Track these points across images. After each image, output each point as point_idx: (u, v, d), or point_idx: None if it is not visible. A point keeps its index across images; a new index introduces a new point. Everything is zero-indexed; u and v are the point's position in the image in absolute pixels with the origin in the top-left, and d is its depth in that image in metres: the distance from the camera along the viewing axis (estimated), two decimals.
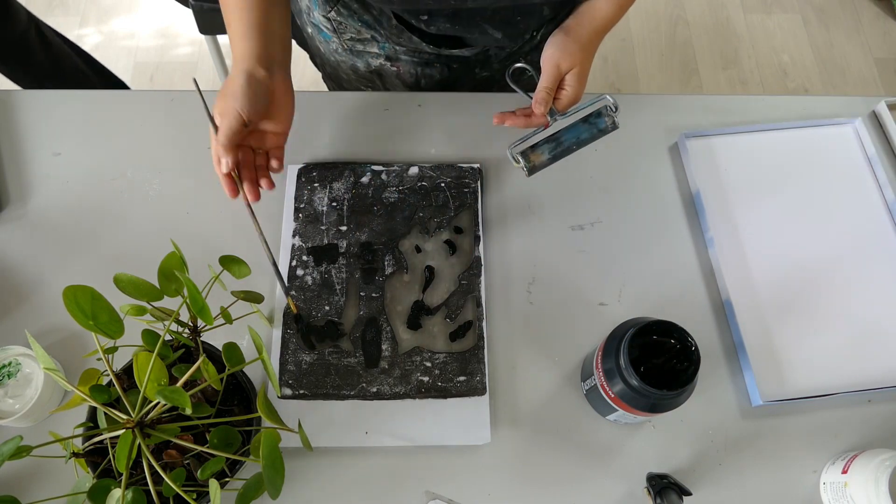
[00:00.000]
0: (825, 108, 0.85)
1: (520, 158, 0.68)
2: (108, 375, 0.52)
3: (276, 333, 0.70)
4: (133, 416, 0.49)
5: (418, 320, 0.70)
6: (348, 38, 0.84)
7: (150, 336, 0.53)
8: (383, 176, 0.78)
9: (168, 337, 0.53)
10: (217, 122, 0.63)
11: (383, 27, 0.80)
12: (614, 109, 0.69)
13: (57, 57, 1.42)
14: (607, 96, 0.69)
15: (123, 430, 0.49)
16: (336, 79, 0.97)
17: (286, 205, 0.76)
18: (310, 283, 0.72)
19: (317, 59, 0.99)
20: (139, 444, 0.49)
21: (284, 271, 0.72)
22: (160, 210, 0.77)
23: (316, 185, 0.77)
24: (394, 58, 0.86)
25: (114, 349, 0.53)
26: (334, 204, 0.76)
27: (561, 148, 0.69)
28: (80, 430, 0.55)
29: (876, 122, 0.85)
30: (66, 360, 0.68)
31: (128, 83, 1.73)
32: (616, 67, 2.00)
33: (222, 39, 1.42)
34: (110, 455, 0.51)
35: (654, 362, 0.57)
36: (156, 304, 0.55)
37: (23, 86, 1.46)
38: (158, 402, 0.49)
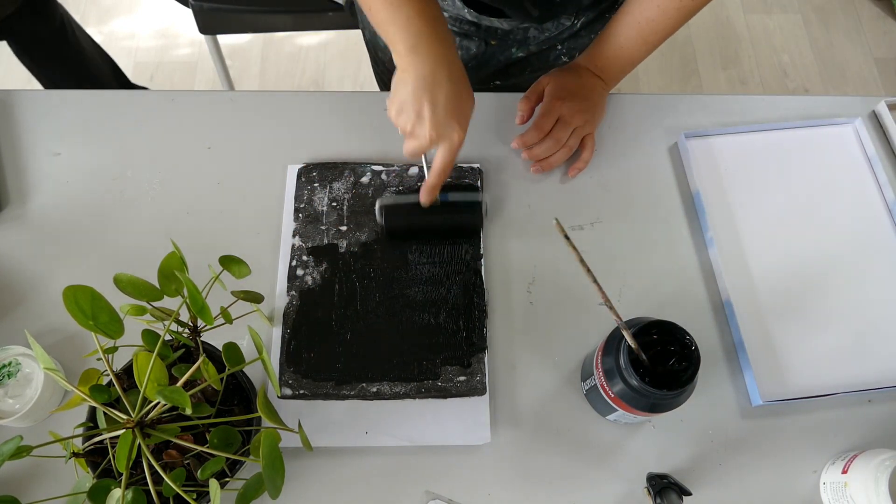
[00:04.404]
0: (825, 108, 0.85)
1: (380, 213, 0.73)
2: (108, 375, 0.52)
3: (276, 333, 0.70)
4: (133, 416, 0.49)
5: (418, 319, 0.70)
6: None
7: (150, 336, 0.53)
8: (383, 176, 0.78)
9: (168, 337, 0.53)
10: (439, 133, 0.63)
11: None
12: (486, 211, 0.74)
13: (85, 61, 1.41)
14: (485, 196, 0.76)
15: (123, 430, 0.49)
16: (373, 46, 0.99)
17: (286, 205, 0.76)
18: (310, 283, 0.72)
19: (358, 19, 1.00)
20: (139, 444, 0.49)
21: (284, 271, 0.72)
22: (160, 210, 0.77)
23: (316, 185, 0.77)
24: None
25: (114, 349, 0.53)
26: (334, 204, 0.76)
27: (420, 224, 0.73)
28: (80, 430, 0.55)
29: (876, 122, 0.85)
30: (66, 360, 0.68)
31: None
32: None
33: (222, 39, 1.42)
34: (110, 455, 0.51)
35: (654, 362, 0.58)
36: (156, 304, 0.55)
37: (44, 85, 1.45)
38: (158, 402, 0.49)
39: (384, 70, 1.03)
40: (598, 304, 0.56)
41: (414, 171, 0.78)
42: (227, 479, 0.57)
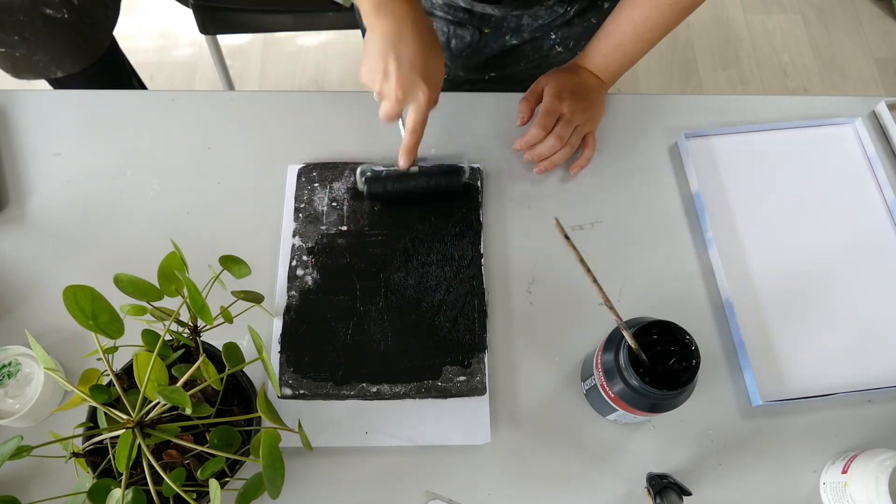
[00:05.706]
0: (825, 108, 0.85)
1: (362, 179, 0.75)
2: (108, 375, 0.52)
3: (277, 334, 0.70)
4: (133, 416, 0.49)
5: (418, 320, 0.70)
6: None
7: (150, 336, 0.53)
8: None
9: (168, 337, 0.53)
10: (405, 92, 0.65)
11: None
12: (467, 174, 0.75)
13: (114, 67, 1.30)
14: (467, 163, 0.76)
15: (123, 430, 0.49)
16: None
17: (286, 205, 0.76)
18: (310, 283, 0.72)
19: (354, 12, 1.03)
20: (139, 444, 0.49)
21: (284, 271, 0.72)
22: (160, 210, 0.77)
23: (316, 185, 0.77)
24: (429, 11, 0.88)
25: (114, 349, 0.53)
26: (334, 204, 0.76)
27: (403, 186, 0.75)
28: (80, 430, 0.55)
29: (876, 122, 0.85)
30: (66, 360, 0.68)
31: None
32: None
33: (222, 39, 1.42)
34: (110, 455, 0.51)
35: (654, 362, 0.58)
36: (156, 304, 0.55)
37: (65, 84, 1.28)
38: (158, 402, 0.49)
39: None
40: (598, 304, 0.56)
41: (414, 171, 0.78)
42: (227, 479, 0.57)
